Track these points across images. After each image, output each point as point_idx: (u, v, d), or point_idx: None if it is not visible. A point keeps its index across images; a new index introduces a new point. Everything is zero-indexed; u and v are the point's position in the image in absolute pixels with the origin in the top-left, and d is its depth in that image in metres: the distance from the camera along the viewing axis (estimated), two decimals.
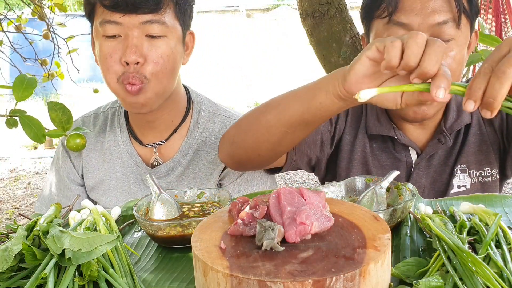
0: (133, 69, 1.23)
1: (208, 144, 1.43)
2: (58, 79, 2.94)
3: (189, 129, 1.43)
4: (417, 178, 1.33)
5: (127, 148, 1.44)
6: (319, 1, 2.59)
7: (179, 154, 1.42)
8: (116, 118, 1.48)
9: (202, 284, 0.66)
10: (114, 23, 1.22)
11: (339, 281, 0.60)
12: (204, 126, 1.43)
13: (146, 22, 1.22)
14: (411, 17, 1.15)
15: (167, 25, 1.25)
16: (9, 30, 2.83)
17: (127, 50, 1.22)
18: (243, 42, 12.94)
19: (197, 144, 1.42)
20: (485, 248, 0.75)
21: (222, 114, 1.46)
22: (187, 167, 1.42)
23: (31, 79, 1.19)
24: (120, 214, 1.03)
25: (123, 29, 1.23)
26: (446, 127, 1.30)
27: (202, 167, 1.41)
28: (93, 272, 0.73)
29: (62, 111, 1.24)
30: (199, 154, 1.42)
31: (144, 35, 1.24)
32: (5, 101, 4.40)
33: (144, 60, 1.23)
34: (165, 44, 1.26)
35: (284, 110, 1.06)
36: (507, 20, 3.56)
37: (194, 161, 1.42)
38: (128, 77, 1.24)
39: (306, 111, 1.02)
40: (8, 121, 1.24)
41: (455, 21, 1.15)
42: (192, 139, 1.42)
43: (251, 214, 0.72)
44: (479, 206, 0.91)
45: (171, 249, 0.92)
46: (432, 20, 1.14)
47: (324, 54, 2.68)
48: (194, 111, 1.45)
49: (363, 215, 0.76)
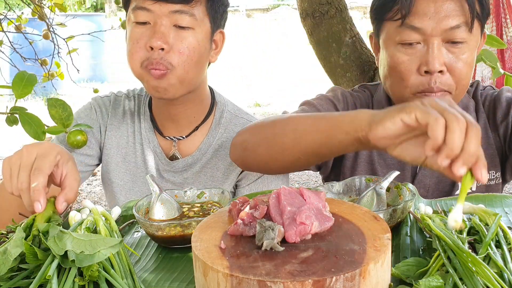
0: (157, 55, 1.25)
1: (228, 145, 1.42)
2: (58, 79, 2.94)
3: (210, 128, 1.44)
4: (422, 177, 1.33)
5: (148, 137, 1.45)
6: (319, 1, 2.58)
7: (198, 152, 1.42)
8: (142, 106, 1.50)
9: (202, 284, 0.66)
10: (145, 10, 1.26)
11: (339, 281, 0.60)
12: (226, 127, 1.44)
13: (176, 11, 1.25)
14: (424, 21, 1.16)
15: (196, 18, 1.28)
16: (9, 30, 2.84)
17: (154, 36, 1.25)
18: (243, 42, 12.94)
19: (217, 144, 1.43)
20: (485, 248, 0.75)
21: (243, 117, 1.47)
22: (205, 166, 1.42)
23: (31, 75, 1.19)
24: (120, 214, 1.03)
25: (153, 16, 1.26)
26: None
27: (220, 167, 1.42)
28: (94, 273, 0.73)
29: (62, 108, 1.24)
30: (219, 154, 1.43)
31: (172, 25, 1.27)
32: (5, 101, 4.39)
33: (170, 48, 1.26)
34: (192, 36, 1.28)
35: (301, 137, 1.06)
36: (507, 20, 3.56)
37: (212, 160, 1.42)
38: (152, 63, 1.26)
39: (323, 145, 1.01)
40: (9, 119, 1.24)
41: (467, 25, 1.15)
42: (212, 138, 1.43)
43: (251, 214, 0.72)
44: (479, 206, 0.91)
45: (171, 249, 0.92)
46: (446, 24, 1.15)
47: (324, 54, 2.68)
48: (217, 111, 1.46)
49: (363, 215, 0.76)
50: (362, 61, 2.62)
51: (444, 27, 1.15)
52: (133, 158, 1.46)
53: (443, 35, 1.16)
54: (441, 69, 1.16)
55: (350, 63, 2.62)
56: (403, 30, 1.18)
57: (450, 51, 1.17)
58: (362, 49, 2.64)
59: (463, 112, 0.76)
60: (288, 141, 1.08)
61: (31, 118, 1.20)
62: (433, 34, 1.16)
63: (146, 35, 1.27)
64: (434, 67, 1.15)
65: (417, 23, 1.16)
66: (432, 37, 1.16)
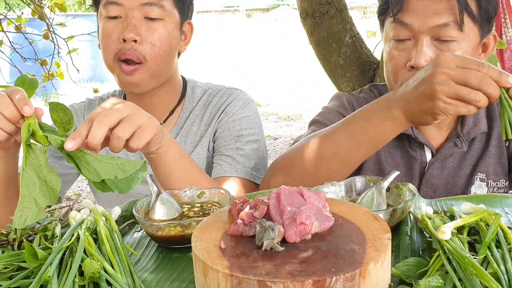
0: (130, 46, 1.31)
1: (199, 111, 1.51)
2: (58, 79, 2.94)
3: (184, 104, 1.51)
4: (430, 177, 1.34)
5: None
6: (319, 1, 2.58)
7: (176, 127, 1.49)
8: None
9: (202, 284, 0.66)
10: (116, 4, 1.32)
11: (339, 281, 0.60)
12: (198, 99, 1.52)
13: (145, 4, 1.32)
14: (413, 18, 1.18)
15: (165, 9, 1.35)
16: (9, 30, 2.84)
17: (126, 28, 1.30)
18: (243, 42, 12.95)
19: (193, 115, 1.50)
20: (484, 248, 0.75)
21: (211, 87, 1.55)
22: (183, 136, 1.49)
23: (32, 79, 1.20)
24: (120, 214, 1.03)
25: (124, 10, 1.32)
26: (463, 132, 1.31)
27: (199, 133, 1.49)
28: (95, 274, 0.73)
29: (64, 112, 1.24)
30: (191, 120, 1.50)
31: (143, 17, 1.33)
32: None
33: (142, 40, 1.31)
34: (162, 27, 1.34)
35: (346, 157, 1.15)
36: (507, 20, 3.56)
37: (187, 128, 1.49)
38: (124, 53, 1.32)
39: (372, 148, 1.14)
40: None
41: (457, 23, 1.16)
42: (187, 112, 1.51)
43: (251, 214, 0.72)
44: (479, 206, 0.91)
45: (171, 249, 0.92)
46: (432, 22, 1.16)
47: (324, 54, 2.68)
48: (188, 88, 1.53)
49: (363, 215, 0.76)
50: (362, 61, 2.62)
51: (431, 25, 1.16)
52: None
53: (431, 32, 1.17)
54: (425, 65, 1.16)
55: (350, 63, 2.62)
56: (395, 26, 1.22)
57: (439, 48, 1.18)
58: (362, 49, 2.64)
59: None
60: (333, 166, 1.15)
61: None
62: (421, 31, 1.18)
63: (118, 28, 1.32)
64: (419, 62, 1.17)
65: (406, 19, 1.19)
66: (420, 34, 1.18)
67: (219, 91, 1.54)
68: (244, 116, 1.47)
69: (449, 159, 1.34)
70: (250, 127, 1.47)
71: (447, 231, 0.75)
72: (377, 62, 2.63)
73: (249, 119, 1.48)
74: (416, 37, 1.19)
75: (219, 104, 1.50)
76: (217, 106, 1.50)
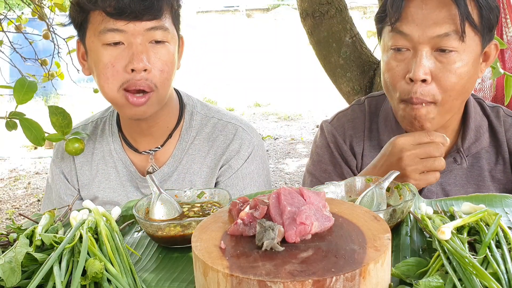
0: (140, 77, 1.21)
1: (202, 147, 1.41)
2: (58, 79, 2.94)
3: (181, 132, 1.41)
4: (428, 193, 1.29)
5: (120, 157, 1.41)
6: (319, 1, 2.58)
7: (172, 159, 1.39)
8: (107, 127, 1.45)
9: (202, 284, 0.66)
10: (117, 31, 1.20)
11: (339, 281, 0.60)
12: (198, 130, 1.42)
13: (150, 29, 1.22)
14: (412, 27, 1.14)
15: (168, 30, 1.25)
16: (9, 30, 2.84)
17: (134, 58, 1.20)
18: (243, 42, 12.94)
19: (191, 148, 1.41)
20: (484, 248, 0.75)
21: (214, 116, 1.44)
22: (182, 172, 1.40)
23: (32, 82, 1.19)
24: (120, 214, 1.03)
25: (127, 36, 1.21)
26: (464, 147, 1.28)
27: (196, 171, 1.40)
28: (98, 274, 0.73)
29: (62, 116, 1.24)
30: (193, 158, 1.40)
31: (147, 42, 1.22)
32: (5, 101, 4.40)
33: (151, 67, 1.22)
34: (166, 50, 1.25)
35: None
36: (508, 19, 3.56)
37: (187, 166, 1.40)
38: (135, 84, 1.21)
39: None
40: (8, 124, 1.24)
41: (457, 33, 1.12)
42: (185, 143, 1.40)
43: (251, 214, 0.72)
44: (479, 206, 0.91)
45: (171, 249, 0.92)
46: (432, 32, 1.13)
47: (324, 54, 2.68)
48: (186, 114, 1.43)
49: (363, 215, 0.76)
50: (362, 61, 2.62)
51: (431, 35, 1.13)
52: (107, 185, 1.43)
53: (431, 42, 1.13)
54: (424, 78, 1.13)
55: (350, 63, 2.62)
56: (394, 35, 1.18)
57: (439, 59, 1.14)
58: (362, 49, 2.64)
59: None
60: None
61: (31, 124, 1.21)
62: (420, 41, 1.13)
63: (122, 57, 1.21)
64: (417, 75, 1.13)
65: (405, 29, 1.15)
66: (420, 44, 1.14)
67: (225, 127, 1.42)
68: (248, 172, 1.40)
69: (450, 175, 1.29)
70: (254, 183, 1.41)
71: (447, 231, 0.75)
72: (377, 62, 2.63)
73: (253, 175, 1.41)
74: (415, 47, 1.15)
75: (223, 146, 1.40)
76: (221, 148, 1.40)
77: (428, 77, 1.13)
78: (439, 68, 1.14)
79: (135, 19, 1.19)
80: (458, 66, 1.14)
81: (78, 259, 0.76)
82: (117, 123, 1.44)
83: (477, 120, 1.30)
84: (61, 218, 0.97)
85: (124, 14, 1.18)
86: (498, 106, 1.35)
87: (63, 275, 0.74)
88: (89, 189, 1.44)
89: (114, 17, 1.19)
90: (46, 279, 0.75)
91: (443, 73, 1.14)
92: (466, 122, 1.29)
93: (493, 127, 1.32)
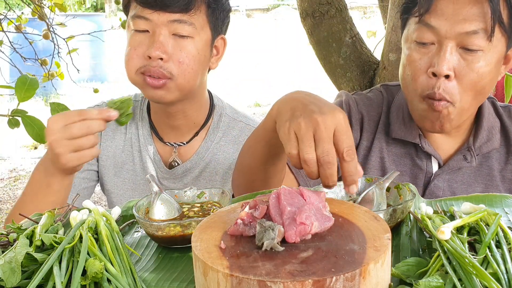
0: (155, 64, 1.25)
1: (227, 149, 1.43)
2: (58, 79, 2.94)
3: (208, 131, 1.44)
4: (434, 189, 1.27)
5: (147, 144, 1.44)
6: (319, 1, 2.58)
7: (196, 156, 1.42)
8: (138, 112, 1.48)
9: (202, 284, 0.66)
10: (144, 19, 1.25)
11: (339, 281, 0.60)
12: (224, 131, 1.44)
13: (175, 21, 1.25)
14: (440, 21, 1.11)
15: (196, 26, 1.27)
16: (9, 30, 2.83)
17: (152, 45, 1.24)
18: (243, 42, 12.93)
19: (216, 148, 1.43)
20: (484, 248, 0.75)
21: (242, 120, 1.47)
22: (204, 170, 1.42)
23: (33, 80, 1.20)
24: (120, 214, 1.03)
25: (152, 25, 1.25)
26: (475, 146, 1.26)
27: (219, 171, 1.42)
28: (98, 274, 0.73)
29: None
30: (217, 158, 1.42)
31: (171, 34, 1.26)
32: (5, 101, 4.42)
33: (169, 57, 1.25)
34: (191, 45, 1.27)
35: (253, 154, 1.09)
36: None
37: (211, 165, 1.42)
38: (149, 70, 1.26)
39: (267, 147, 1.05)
40: (10, 121, 1.25)
41: (486, 32, 1.09)
42: (211, 142, 1.43)
43: (251, 214, 0.72)
44: (479, 206, 0.91)
45: (171, 249, 0.92)
46: (461, 28, 1.09)
47: (324, 54, 2.68)
48: (215, 115, 1.46)
49: (363, 215, 0.76)
50: (362, 61, 2.62)
51: (460, 31, 1.09)
52: (131, 166, 1.45)
53: (458, 39, 1.10)
54: (448, 73, 1.10)
55: (350, 63, 2.62)
56: (420, 27, 1.14)
57: (463, 57, 1.11)
58: (362, 49, 2.63)
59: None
60: (248, 162, 1.11)
61: (33, 122, 1.21)
62: (447, 36, 1.10)
63: (144, 43, 1.26)
64: (441, 69, 1.10)
65: (432, 22, 1.12)
66: (446, 39, 1.11)
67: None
68: None
69: (458, 173, 1.27)
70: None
71: (447, 231, 0.75)
72: (377, 62, 2.63)
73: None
74: (440, 42, 1.12)
75: None
76: None
77: (451, 73, 1.11)
78: (462, 66, 1.11)
79: (160, 9, 1.23)
80: (481, 66, 1.11)
81: (78, 259, 0.76)
82: (147, 110, 1.47)
83: (490, 121, 1.28)
84: (61, 218, 0.98)
85: (149, 3, 1.23)
86: (510, 106, 1.35)
87: (63, 275, 0.74)
88: (110, 164, 1.46)
89: (142, 5, 1.25)
90: (46, 279, 0.75)
91: (466, 71, 1.11)
92: (479, 122, 1.27)
93: (505, 127, 1.30)
